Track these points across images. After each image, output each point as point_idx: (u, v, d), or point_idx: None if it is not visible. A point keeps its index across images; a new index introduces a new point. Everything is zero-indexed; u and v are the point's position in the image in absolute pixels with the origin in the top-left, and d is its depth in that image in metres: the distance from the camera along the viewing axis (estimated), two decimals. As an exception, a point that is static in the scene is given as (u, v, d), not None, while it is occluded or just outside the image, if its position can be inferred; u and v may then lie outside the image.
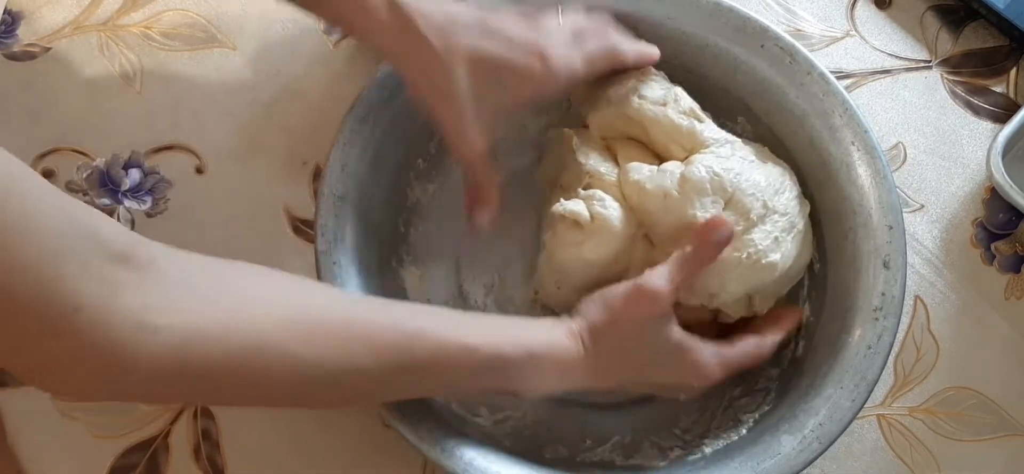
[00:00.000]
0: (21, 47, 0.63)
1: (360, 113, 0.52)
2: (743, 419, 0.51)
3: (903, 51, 0.65)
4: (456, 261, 0.57)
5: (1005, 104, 0.63)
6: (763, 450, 0.46)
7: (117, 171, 0.59)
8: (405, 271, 0.55)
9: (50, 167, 0.59)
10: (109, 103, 0.62)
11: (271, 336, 0.38)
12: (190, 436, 0.53)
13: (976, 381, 0.55)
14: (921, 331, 0.56)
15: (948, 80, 0.64)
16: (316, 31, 0.65)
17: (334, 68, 0.63)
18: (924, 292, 0.57)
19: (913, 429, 0.54)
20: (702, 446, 0.50)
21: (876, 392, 0.54)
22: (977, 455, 0.54)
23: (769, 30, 0.55)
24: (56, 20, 0.64)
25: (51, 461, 0.52)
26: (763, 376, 0.52)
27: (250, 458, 0.52)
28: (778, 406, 0.50)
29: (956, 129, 0.62)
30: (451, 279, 0.56)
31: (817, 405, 0.47)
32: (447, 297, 0.56)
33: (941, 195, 0.60)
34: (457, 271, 0.57)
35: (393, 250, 0.55)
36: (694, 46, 0.55)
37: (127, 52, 0.63)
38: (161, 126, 0.61)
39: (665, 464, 0.49)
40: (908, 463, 0.53)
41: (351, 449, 0.52)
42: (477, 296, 0.56)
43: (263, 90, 0.62)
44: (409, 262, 0.56)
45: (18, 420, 0.52)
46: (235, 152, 0.60)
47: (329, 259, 0.49)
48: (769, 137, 0.55)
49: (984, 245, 0.59)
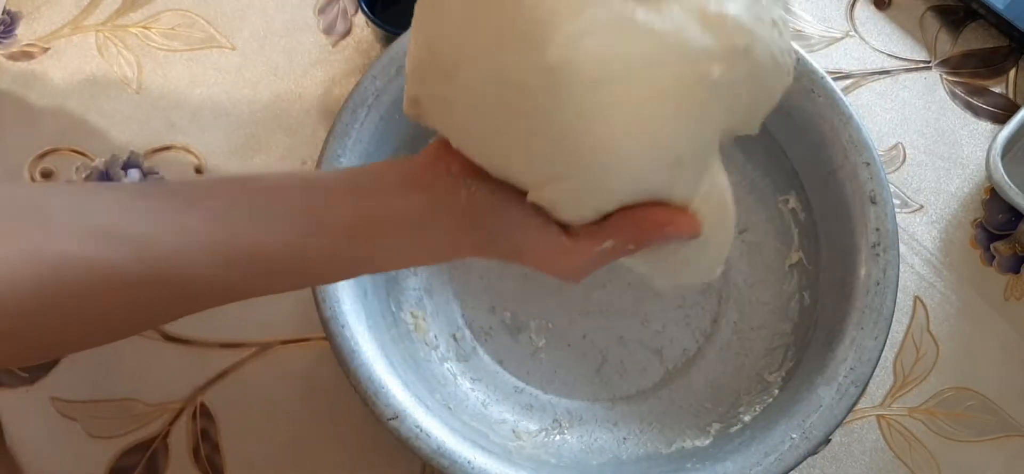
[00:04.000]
0: (20, 47, 0.63)
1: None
2: (770, 379, 0.51)
3: (902, 52, 0.65)
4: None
5: (1004, 104, 0.63)
6: (804, 407, 0.46)
7: (116, 171, 0.59)
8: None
9: (49, 167, 0.59)
10: (108, 103, 0.61)
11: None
12: (189, 436, 0.52)
13: (976, 381, 0.55)
14: (921, 332, 0.56)
15: (947, 81, 0.64)
16: (315, 31, 0.65)
17: (333, 68, 0.63)
18: (924, 292, 0.57)
19: (913, 430, 0.54)
20: (739, 414, 0.50)
21: (876, 392, 0.55)
22: (977, 455, 0.54)
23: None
24: (55, 20, 0.64)
25: (49, 462, 0.52)
26: (777, 333, 0.53)
27: (249, 458, 0.52)
28: (803, 360, 0.50)
29: (955, 129, 0.62)
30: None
31: (843, 351, 0.47)
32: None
33: (941, 195, 0.60)
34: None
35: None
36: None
37: (126, 52, 0.63)
38: (160, 126, 0.61)
39: (709, 442, 0.50)
40: (908, 464, 0.53)
41: (351, 449, 0.52)
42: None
43: (262, 90, 0.62)
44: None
45: (17, 421, 0.52)
46: (234, 152, 0.60)
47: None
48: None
49: (984, 245, 0.59)
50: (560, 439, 0.52)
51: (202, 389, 0.54)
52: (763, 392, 0.51)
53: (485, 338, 0.55)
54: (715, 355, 0.54)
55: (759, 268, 0.56)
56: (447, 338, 0.55)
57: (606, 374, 0.54)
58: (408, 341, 0.53)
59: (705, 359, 0.54)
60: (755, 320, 0.55)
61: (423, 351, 0.53)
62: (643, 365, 0.54)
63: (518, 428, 0.52)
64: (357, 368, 0.46)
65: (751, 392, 0.52)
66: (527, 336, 0.55)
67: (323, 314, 0.47)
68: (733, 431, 0.50)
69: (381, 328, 0.50)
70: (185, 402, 0.53)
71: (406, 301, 0.55)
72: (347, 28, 0.65)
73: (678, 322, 0.55)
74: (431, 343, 0.54)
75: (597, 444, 0.52)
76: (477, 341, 0.55)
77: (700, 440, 0.50)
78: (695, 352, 0.55)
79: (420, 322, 0.54)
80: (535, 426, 0.52)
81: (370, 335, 0.48)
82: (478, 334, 0.55)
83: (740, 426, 0.50)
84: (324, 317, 0.47)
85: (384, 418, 0.45)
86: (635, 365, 0.54)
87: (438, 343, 0.54)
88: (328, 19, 0.65)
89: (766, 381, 0.52)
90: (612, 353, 0.55)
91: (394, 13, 0.62)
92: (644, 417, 0.53)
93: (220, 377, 0.54)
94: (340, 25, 0.65)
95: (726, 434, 0.50)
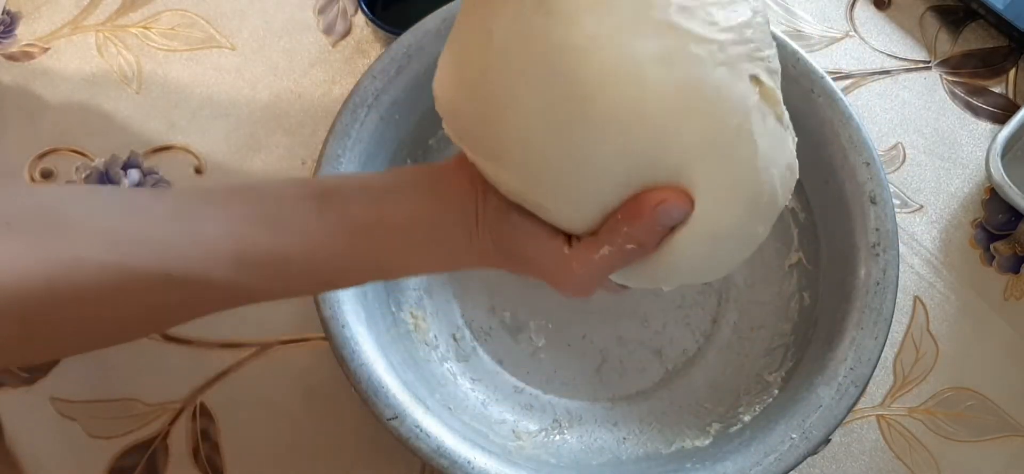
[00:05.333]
0: (20, 47, 0.63)
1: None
2: (769, 379, 0.51)
3: (902, 52, 0.65)
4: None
5: (1004, 104, 0.63)
6: (803, 407, 0.46)
7: (116, 171, 0.59)
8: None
9: (49, 167, 0.59)
10: (108, 103, 0.61)
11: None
12: (189, 437, 0.52)
13: (976, 381, 0.55)
14: (920, 332, 0.56)
15: (947, 81, 0.64)
16: (315, 31, 0.65)
17: (333, 68, 0.63)
18: (923, 292, 0.57)
19: (913, 430, 0.54)
20: (739, 415, 0.50)
21: (875, 393, 0.55)
22: (977, 455, 0.54)
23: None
24: (55, 20, 0.64)
25: (49, 462, 0.52)
26: (777, 333, 0.53)
27: (249, 458, 0.52)
28: (802, 360, 0.50)
29: (955, 130, 0.62)
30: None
31: (843, 351, 0.47)
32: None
33: (940, 195, 0.60)
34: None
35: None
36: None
37: (126, 52, 0.63)
38: (160, 126, 0.61)
39: (709, 442, 0.50)
40: (908, 464, 0.53)
41: (351, 449, 0.52)
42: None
43: (262, 90, 0.62)
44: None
45: (17, 421, 0.52)
46: (234, 152, 0.60)
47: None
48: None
49: (983, 246, 0.59)
50: (560, 439, 0.52)
51: (202, 389, 0.54)
52: (763, 392, 0.51)
53: (485, 338, 0.55)
54: (715, 355, 0.55)
55: (759, 268, 0.56)
56: (447, 338, 0.55)
57: (606, 374, 0.54)
58: (408, 341, 0.53)
59: (705, 359, 0.54)
60: (755, 320, 0.55)
61: (423, 351, 0.53)
62: (643, 365, 0.54)
63: (518, 428, 0.52)
64: (357, 368, 0.46)
65: (751, 392, 0.52)
66: (527, 336, 0.55)
67: (323, 314, 0.47)
68: (733, 431, 0.50)
69: (381, 328, 0.50)
70: (185, 402, 0.53)
71: (406, 301, 0.55)
72: (347, 28, 0.65)
73: (678, 322, 0.55)
74: (431, 343, 0.54)
75: (597, 444, 0.52)
76: (477, 341, 0.55)
77: (700, 440, 0.50)
78: (695, 352, 0.55)
79: (420, 322, 0.54)
80: (535, 426, 0.52)
81: (370, 335, 0.48)
82: (478, 334, 0.55)
83: (740, 426, 0.50)
84: (324, 317, 0.47)
85: (384, 418, 0.45)
86: (635, 365, 0.54)
87: (438, 343, 0.54)
88: (328, 19, 0.65)
89: (766, 381, 0.52)
90: (612, 353, 0.55)
91: (394, 13, 0.62)
92: (644, 417, 0.53)
93: (220, 377, 0.54)
94: (340, 25, 0.65)
95: (726, 434, 0.50)
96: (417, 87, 0.53)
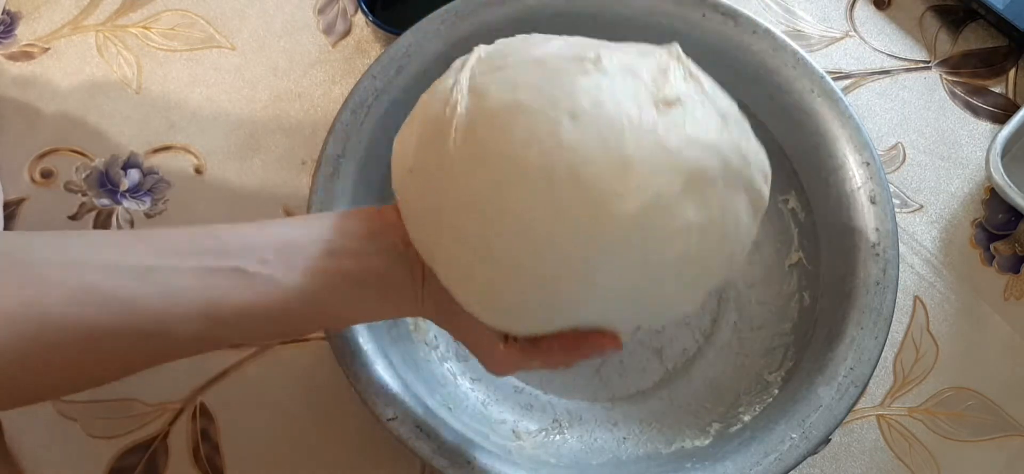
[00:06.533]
0: (20, 47, 0.63)
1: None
2: (769, 379, 0.51)
3: (902, 52, 0.65)
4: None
5: (1004, 104, 0.63)
6: (803, 406, 0.46)
7: (116, 171, 0.59)
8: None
9: (49, 168, 0.59)
10: (108, 103, 0.62)
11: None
12: (189, 437, 0.52)
13: (976, 381, 0.55)
14: (920, 332, 0.56)
15: (947, 80, 0.64)
16: (315, 31, 0.65)
17: (333, 68, 0.63)
18: (923, 292, 0.57)
19: (913, 430, 0.54)
20: (739, 414, 0.50)
21: (875, 392, 0.55)
22: (977, 455, 0.54)
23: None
24: (55, 20, 0.64)
25: (49, 462, 0.52)
26: (777, 333, 0.53)
27: (249, 459, 0.52)
28: (802, 359, 0.50)
29: (955, 129, 0.62)
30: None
31: (843, 350, 0.47)
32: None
33: (940, 195, 0.60)
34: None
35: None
36: (638, 27, 0.55)
37: (126, 52, 0.63)
38: (160, 126, 0.61)
39: (709, 442, 0.50)
40: (908, 464, 0.53)
41: (351, 449, 0.52)
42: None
43: (262, 90, 0.63)
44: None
45: (17, 421, 0.52)
46: (234, 152, 0.60)
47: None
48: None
49: (983, 246, 0.59)
50: (560, 439, 0.52)
51: (202, 389, 0.54)
52: (763, 392, 0.51)
53: (485, 338, 0.55)
54: (715, 355, 0.54)
55: (759, 268, 0.56)
56: (447, 338, 0.55)
57: (606, 374, 0.54)
58: (408, 341, 0.53)
59: (705, 359, 0.54)
60: (755, 320, 0.55)
61: (423, 351, 0.53)
62: (643, 365, 0.54)
63: (518, 428, 0.52)
64: (357, 368, 0.46)
65: (751, 392, 0.52)
66: (527, 336, 0.55)
67: (323, 314, 0.47)
68: (733, 431, 0.50)
69: (381, 328, 0.50)
70: (185, 402, 0.53)
71: (406, 301, 0.55)
72: (347, 28, 0.65)
73: (678, 322, 0.55)
74: (431, 343, 0.54)
75: (597, 444, 0.52)
76: (477, 341, 0.55)
77: (700, 440, 0.50)
78: (695, 352, 0.55)
79: (420, 322, 0.54)
80: (535, 426, 0.52)
81: (370, 335, 0.48)
82: (478, 334, 0.55)
83: (740, 426, 0.50)
84: (324, 317, 0.47)
85: (384, 418, 0.45)
86: (635, 365, 0.54)
87: (438, 343, 0.54)
88: (328, 19, 0.65)
89: (766, 381, 0.52)
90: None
91: (394, 13, 0.62)
92: (644, 417, 0.53)
93: (220, 377, 0.54)
94: (340, 25, 0.65)
95: (726, 434, 0.50)
96: (417, 87, 0.52)
